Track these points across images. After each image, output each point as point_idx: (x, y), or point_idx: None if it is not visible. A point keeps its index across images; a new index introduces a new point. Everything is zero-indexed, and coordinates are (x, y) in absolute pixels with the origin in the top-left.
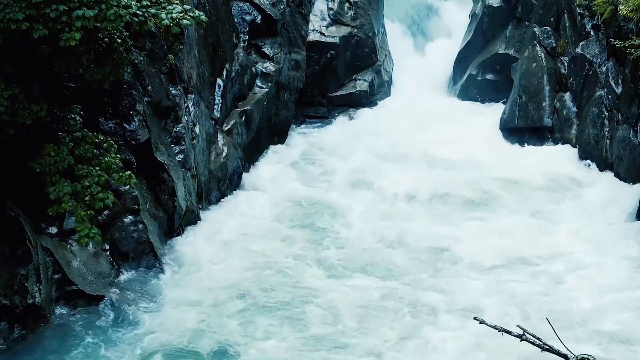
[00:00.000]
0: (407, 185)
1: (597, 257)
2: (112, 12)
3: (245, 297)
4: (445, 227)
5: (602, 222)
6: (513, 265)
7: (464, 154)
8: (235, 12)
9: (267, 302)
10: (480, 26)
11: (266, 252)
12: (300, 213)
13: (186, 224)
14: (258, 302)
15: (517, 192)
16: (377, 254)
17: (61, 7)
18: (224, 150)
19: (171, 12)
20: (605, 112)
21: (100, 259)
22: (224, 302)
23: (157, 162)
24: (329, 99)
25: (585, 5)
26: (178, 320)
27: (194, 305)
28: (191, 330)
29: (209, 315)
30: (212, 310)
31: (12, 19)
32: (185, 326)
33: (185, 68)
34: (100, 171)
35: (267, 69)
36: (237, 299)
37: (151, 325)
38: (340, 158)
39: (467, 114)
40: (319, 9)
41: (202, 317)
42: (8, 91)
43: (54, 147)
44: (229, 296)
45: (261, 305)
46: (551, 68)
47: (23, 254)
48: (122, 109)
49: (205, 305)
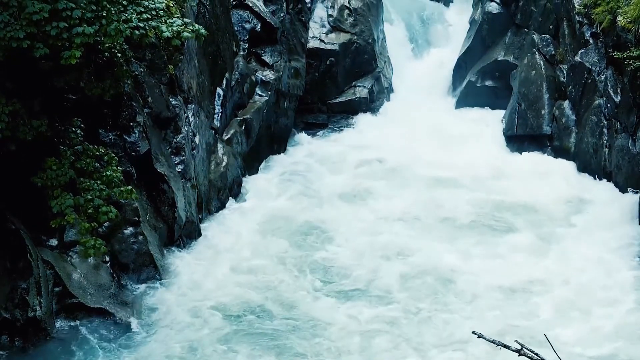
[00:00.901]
0: (404, 203)
1: (602, 279)
2: (113, 27)
3: (234, 321)
4: (443, 249)
5: (604, 241)
6: (515, 289)
7: (462, 166)
8: (235, 20)
9: (255, 328)
10: (479, 32)
11: (259, 271)
12: (295, 230)
13: (186, 235)
14: (246, 328)
15: (516, 210)
16: (369, 277)
17: (62, 24)
18: (223, 159)
19: (172, 25)
20: (604, 120)
21: (100, 271)
22: (213, 325)
23: (157, 174)
24: (329, 105)
25: (585, 13)
26: (168, 341)
27: (185, 326)
28: (177, 358)
29: (197, 340)
30: (201, 334)
31: (13, 37)
32: (173, 350)
33: (185, 78)
34: (102, 185)
35: (267, 77)
36: (226, 322)
37: (145, 342)
38: (336, 172)
39: (465, 121)
40: (318, 16)
41: (190, 341)
42: (9, 107)
43: (55, 161)
44: (219, 319)
45: (248, 332)
46: (550, 76)
47: (24, 267)
48: (122, 121)
49: (195, 328)
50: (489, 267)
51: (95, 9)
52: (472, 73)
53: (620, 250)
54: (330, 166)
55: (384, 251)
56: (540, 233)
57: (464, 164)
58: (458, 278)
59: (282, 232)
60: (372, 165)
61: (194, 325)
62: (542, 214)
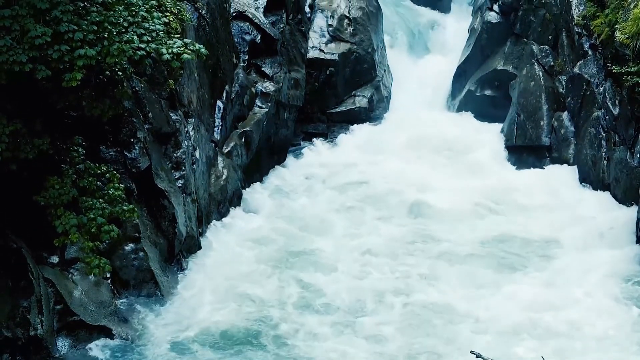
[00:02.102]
0: (403, 230)
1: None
2: (115, 48)
3: (228, 352)
4: (438, 289)
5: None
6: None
7: (460, 188)
8: (235, 31)
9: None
10: (479, 41)
11: (252, 295)
12: (285, 255)
13: (186, 249)
14: (237, 353)
15: (513, 242)
16: (360, 314)
17: (64, 47)
18: (223, 172)
19: (172, 47)
20: (602, 132)
21: (101, 288)
22: (206, 353)
23: (158, 189)
24: (329, 115)
25: (583, 24)
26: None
27: (180, 352)
28: None
29: None
30: (198, 355)
31: (16, 62)
32: None
33: (185, 92)
34: (104, 203)
35: (267, 88)
36: (220, 351)
37: None
38: (334, 190)
39: (465, 131)
40: (318, 26)
41: None
42: (10, 127)
43: (58, 180)
44: (213, 346)
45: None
46: (549, 87)
47: (25, 286)
48: (123, 137)
49: (189, 354)
50: (493, 307)
51: (97, 30)
52: (472, 82)
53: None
54: (325, 184)
55: (378, 285)
56: (539, 265)
57: (462, 186)
58: (460, 320)
59: (273, 253)
60: (368, 186)
61: (192, 346)
62: (539, 241)
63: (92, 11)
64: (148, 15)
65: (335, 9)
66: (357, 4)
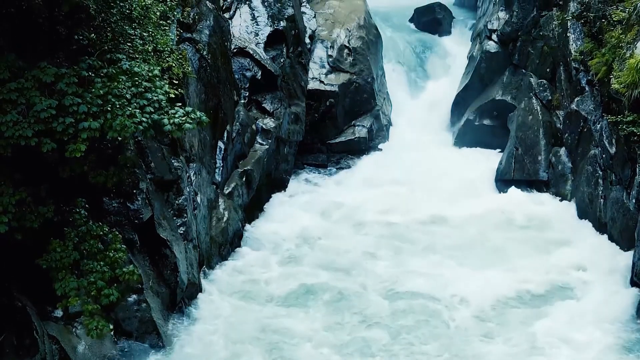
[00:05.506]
0: (397, 272)
1: None
2: (118, 123)
3: None
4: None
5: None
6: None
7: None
8: (235, 68)
9: None
10: (477, 70)
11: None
12: (288, 301)
13: (187, 297)
14: None
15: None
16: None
17: (68, 119)
18: (224, 214)
19: (173, 117)
20: (599, 171)
21: (104, 340)
22: None
23: (160, 239)
24: (328, 146)
25: (581, 60)
26: None
27: None
28: None
29: None
30: None
31: (22, 136)
32: None
33: (187, 137)
34: (105, 267)
35: (268, 125)
36: None
37: None
38: (331, 237)
39: (464, 163)
40: (318, 56)
41: None
42: (16, 196)
43: (60, 243)
44: None
45: None
46: (547, 121)
47: (30, 345)
48: (125, 188)
49: None
50: None
51: (101, 102)
52: (470, 111)
53: None
54: (323, 216)
55: None
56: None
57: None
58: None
59: (269, 300)
60: (372, 227)
61: None
62: (538, 289)
63: (96, 82)
64: (151, 85)
65: (335, 39)
66: (357, 34)
